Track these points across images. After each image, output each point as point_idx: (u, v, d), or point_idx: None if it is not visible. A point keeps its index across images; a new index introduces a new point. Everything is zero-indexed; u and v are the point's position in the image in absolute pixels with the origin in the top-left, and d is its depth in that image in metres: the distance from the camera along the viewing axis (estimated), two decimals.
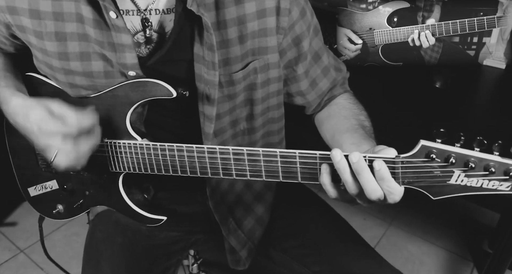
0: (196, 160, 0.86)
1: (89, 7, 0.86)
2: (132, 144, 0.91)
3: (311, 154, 0.77)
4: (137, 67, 0.89)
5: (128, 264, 1.08)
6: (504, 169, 0.66)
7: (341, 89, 1.08)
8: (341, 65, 1.10)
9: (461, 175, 0.69)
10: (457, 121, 1.37)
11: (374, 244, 2.07)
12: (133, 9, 0.88)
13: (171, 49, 0.90)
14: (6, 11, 0.89)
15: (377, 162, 0.71)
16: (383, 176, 0.71)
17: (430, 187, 0.72)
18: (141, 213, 1.00)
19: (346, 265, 1.04)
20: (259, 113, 1.02)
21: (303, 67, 1.01)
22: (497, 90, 1.59)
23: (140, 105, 0.93)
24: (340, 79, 1.08)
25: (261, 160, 0.81)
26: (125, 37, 0.86)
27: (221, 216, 1.06)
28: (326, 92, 1.06)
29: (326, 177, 0.75)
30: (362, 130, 0.94)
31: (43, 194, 1.10)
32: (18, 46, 1.01)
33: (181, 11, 0.87)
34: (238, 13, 0.88)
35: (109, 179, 0.99)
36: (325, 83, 1.05)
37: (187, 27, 0.89)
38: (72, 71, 0.92)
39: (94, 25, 0.87)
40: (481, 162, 0.67)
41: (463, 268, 1.97)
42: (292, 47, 0.97)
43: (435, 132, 0.69)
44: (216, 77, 0.90)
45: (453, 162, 0.68)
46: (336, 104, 1.05)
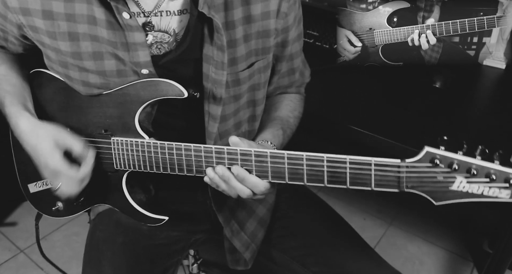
0: (203, 160, 0.87)
1: (102, 9, 0.87)
2: (140, 143, 0.92)
3: (318, 157, 0.78)
4: (150, 64, 0.91)
5: (129, 264, 1.08)
6: (504, 177, 0.69)
7: (295, 90, 1.14)
8: (306, 71, 1.17)
9: (463, 181, 0.71)
10: (457, 121, 1.37)
11: (374, 244, 2.08)
12: (138, 11, 0.90)
13: (185, 50, 0.92)
14: (19, 12, 0.90)
15: (233, 168, 0.84)
16: (243, 177, 0.84)
17: (433, 192, 0.73)
18: (143, 213, 1.00)
19: (345, 266, 1.04)
20: (260, 113, 1.05)
21: (280, 66, 1.06)
22: (497, 90, 1.59)
23: (150, 105, 0.94)
24: (299, 82, 1.14)
25: (268, 161, 0.82)
26: (138, 35, 0.88)
27: (225, 218, 1.06)
28: (281, 88, 1.12)
29: None
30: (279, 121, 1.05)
31: (43, 191, 1.10)
32: (27, 46, 1.02)
33: (196, 14, 0.88)
34: (245, 14, 0.91)
35: (113, 177, 0.99)
36: (285, 81, 1.11)
37: (198, 28, 0.91)
38: (86, 69, 0.93)
39: (107, 26, 0.88)
40: (483, 169, 0.69)
41: (463, 268, 1.97)
42: (279, 47, 1.02)
43: (439, 140, 0.71)
44: (224, 76, 0.92)
45: (456, 168, 0.70)
46: (282, 96, 1.13)
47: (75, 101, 0.99)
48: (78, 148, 0.93)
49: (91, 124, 0.98)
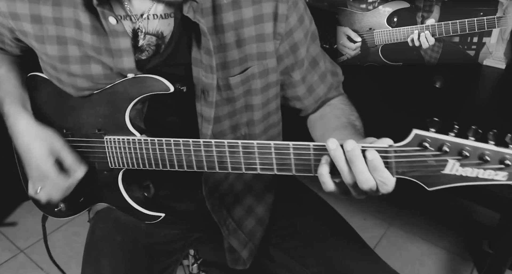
0: (192, 154, 0.86)
1: (87, 14, 0.87)
2: (131, 140, 0.92)
3: (305, 146, 0.77)
4: (135, 70, 0.90)
5: (128, 262, 1.08)
6: (499, 158, 0.65)
7: (335, 92, 1.10)
8: (337, 69, 1.12)
9: (456, 165, 0.67)
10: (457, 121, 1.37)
11: (374, 244, 2.07)
12: (124, 14, 0.90)
13: (169, 54, 0.91)
14: (8, 16, 0.91)
15: (369, 152, 0.71)
16: (376, 166, 0.71)
17: (425, 177, 0.70)
18: (139, 210, 1.00)
19: (344, 266, 1.04)
20: (259, 118, 1.03)
21: (300, 74, 1.02)
22: (497, 90, 1.59)
23: (140, 102, 0.93)
24: (336, 83, 1.10)
25: (256, 152, 0.81)
26: (123, 41, 0.87)
27: (219, 217, 1.06)
28: (323, 97, 1.08)
29: (325, 167, 0.75)
30: (351, 127, 0.95)
31: None
32: (23, 48, 1.02)
33: (180, 17, 0.88)
34: (235, 18, 0.89)
35: (109, 176, 0.99)
36: (322, 89, 1.07)
37: (185, 32, 0.90)
38: (73, 74, 0.93)
39: (91, 31, 0.88)
40: (476, 151, 0.66)
41: (463, 268, 1.97)
42: (290, 54, 0.98)
43: (429, 121, 0.68)
44: (214, 80, 0.91)
45: (447, 151, 0.67)
46: (329, 105, 1.07)
47: (69, 103, 0.99)
48: (69, 161, 0.96)
49: (85, 124, 0.98)
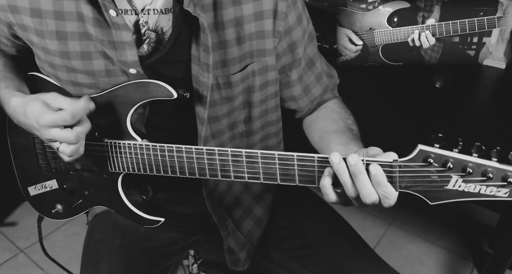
0: (195, 161, 0.86)
1: (89, 6, 0.86)
2: (132, 145, 0.91)
3: (309, 157, 0.76)
4: (137, 64, 0.89)
5: (127, 265, 1.07)
6: (502, 175, 0.66)
7: (331, 94, 1.10)
8: (333, 72, 1.12)
9: (459, 180, 0.69)
10: (457, 121, 1.37)
11: (374, 244, 2.07)
12: (130, 9, 0.89)
13: (169, 50, 0.90)
14: (8, 10, 0.89)
15: (373, 166, 0.71)
16: (379, 181, 0.71)
17: (428, 192, 0.72)
18: (138, 214, 1.00)
19: (344, 266, 1.04)
20: (257, 115, 1.02)
21: (297, 73, 1.02)
22: (497, 90, 1.59)
23: (141, 106, 0.93)
24: (331, 85, 1.11)
25: (259, 162, 0.81)
26: (125, 34, 0.87)
27: (219, 218, 1.06)
28: (318, 98, 1.08)
29: (328, 179, 0.75)
30: (349, 132, 0.95)
31: (42, 194, 1.10)
32: (19, 47, 1.01)
33: (178, 11, 0.87)
34: (236, 15, 0.89)
35: (109, 179, 0.99)
36: (318, 90, 1.07)
37: (185, 28, 0.89)
38: (74, 69, 0.92)
39: (94, 23, 0.87)
40: (479, 167, 0.67)
41: (463, 268, 1.97)
42: (287, 53, 0.98)
43: (434, 137, 0.69)
44: (210, 79, 0.90)
45: (451, 167, 0.68)
46: (325, 108, 1.07)
47: None
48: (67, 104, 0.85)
49: None
